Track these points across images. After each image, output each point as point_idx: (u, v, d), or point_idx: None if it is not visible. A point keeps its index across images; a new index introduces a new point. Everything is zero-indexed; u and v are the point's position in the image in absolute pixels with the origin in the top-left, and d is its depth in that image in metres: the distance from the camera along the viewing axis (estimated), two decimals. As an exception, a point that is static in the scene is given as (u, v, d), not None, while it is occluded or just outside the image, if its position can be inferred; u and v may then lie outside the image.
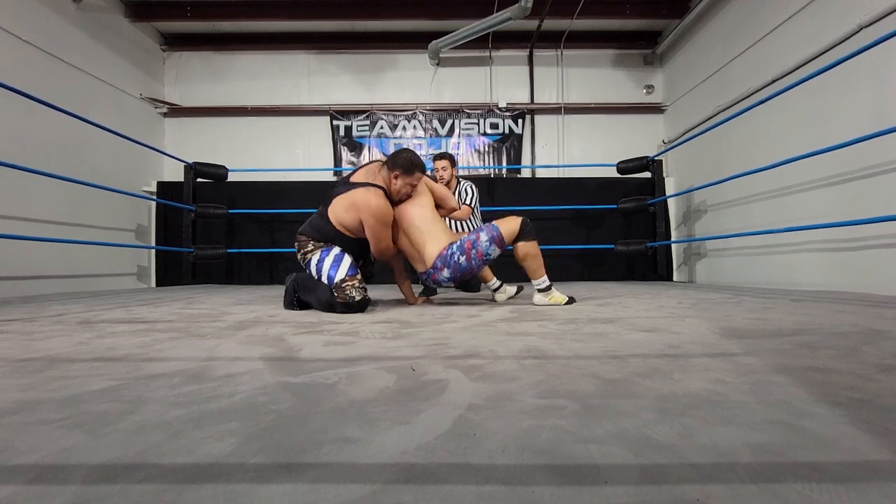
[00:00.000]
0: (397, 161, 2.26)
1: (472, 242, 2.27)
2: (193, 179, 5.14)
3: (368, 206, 2.17)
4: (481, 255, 2.26)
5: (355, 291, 2.15)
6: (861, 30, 3.11)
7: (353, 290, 2.15)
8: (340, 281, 2.16)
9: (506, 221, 2.34)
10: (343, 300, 2.14)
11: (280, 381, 0.90)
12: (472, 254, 2.25)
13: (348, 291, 2.14)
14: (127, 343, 1.36)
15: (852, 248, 3.18)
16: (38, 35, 4.14)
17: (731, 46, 4.56)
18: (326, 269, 2.22)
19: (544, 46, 6.04)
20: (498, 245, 2.29)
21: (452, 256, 2.26)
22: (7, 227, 3.69)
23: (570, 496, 0.45)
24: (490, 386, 0.84)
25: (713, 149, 4.83)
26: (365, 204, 2.17)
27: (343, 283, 2.16)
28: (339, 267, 2.20)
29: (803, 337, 1.32)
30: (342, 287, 2.15)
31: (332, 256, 2.24)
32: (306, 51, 6.09)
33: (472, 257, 2.25)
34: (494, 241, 2.28)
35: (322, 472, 0.51)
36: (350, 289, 2.15)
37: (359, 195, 2.20)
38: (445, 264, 2.26)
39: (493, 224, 2.33)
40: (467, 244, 2.27)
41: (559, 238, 5.35)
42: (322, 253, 2.27)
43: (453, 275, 2.29)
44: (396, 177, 2.25)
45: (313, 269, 2.28)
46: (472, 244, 2.26)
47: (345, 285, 2.16)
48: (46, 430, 0.65)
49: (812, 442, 0.57)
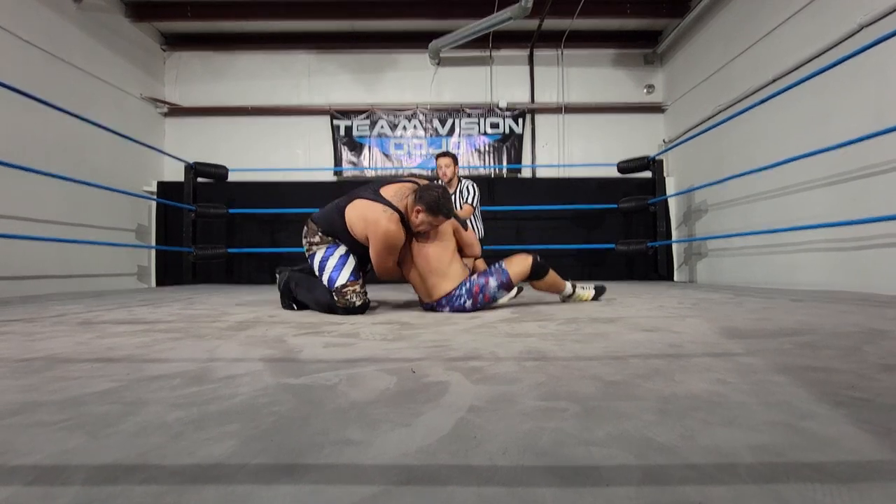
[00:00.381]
0: (425, 197, 2.13)
1: (480, 287, 2.21)
2: (194, 179, 5.15)
3: (377, 228, 2.11)
4: (488, 299, 2.23)
5: (356, 297, 2.14)
6: (862, 29, 3.10)
7: (355, 295, 2.14)
8: (342, 286, 2.14)
9: (515, 263, 2.26)
10: (343, 305, 2.13)
11: (280, 382, 0.90)
12: (479, 298, 2.21)
13: (349, 297, 2.13)
14: (127, 344, 1.36)
15: (853, 247, 3.18)
16: (38, 35, 4.14)
17: (732, 46, 4.55)
18: (329, 271, 2.18)
19: (545, 46, 6.04)
20: (506, 290, 2.27)
21: (459, 298, 2.20)
22: (7, 226, 3.69)
23: (572, 498, 0.45)
24: (491, 388, 0.84)
25: (714, 148, 4.83)
26: (375, 224, 2.12)
27: (344, 287, 2.14)
28: (342, 271, 2.17)
29: (804, 337, 1.32)
30: (343, 292, 2.14)
31: (337, 257, 2.20)
32: (306, 50, 6.09)
33: (478, 301, 2.20)
34: (503, 286, 2.24)
35: (323, 474, 0.51)
36: (351, 294, 2.14)
37: (375, 214, 2.14)
38: (450, 304, 2.21)
39: (502, 268, 2.25)
40: (475, 288, 2.21)
41: (560, 238, 5.35)
42: (327, 251, 2.23)
43: (454, 311, 2.23)
44: (419, 212, 2.14)
45: (316, 265, 2.24)
46: (480, 289, 2.21)
47: (346, 290, 2.14)
48: (47, 432, 0.65)
49: (813, 442, 0.57)
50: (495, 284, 2.21)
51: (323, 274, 2.21)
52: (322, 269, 2.22)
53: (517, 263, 2.25)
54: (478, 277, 2.23)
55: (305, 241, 2.30)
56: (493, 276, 2.22)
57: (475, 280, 2.22)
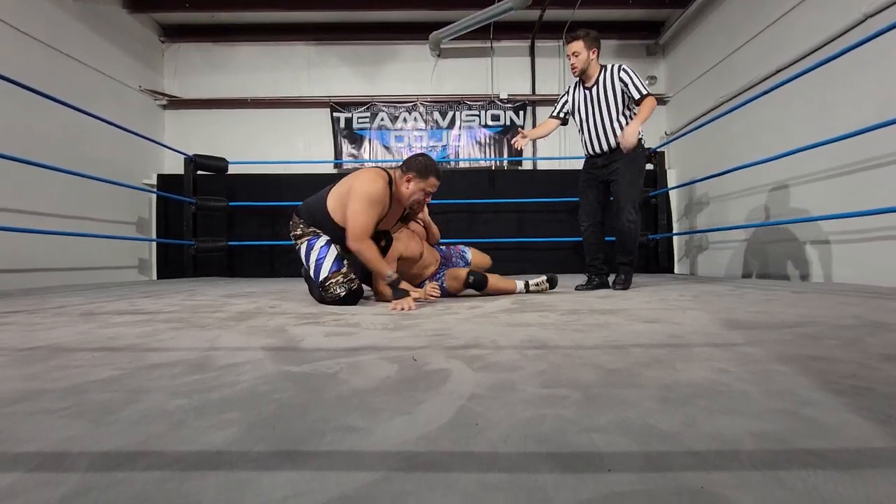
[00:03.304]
0: (412, 164, 2.13)
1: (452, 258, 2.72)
2: (194, 172, 5.13)
3: (358, 178, 2.09)
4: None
5: (340, 288, 2.10)
6: (867, 19, 3.07)
7: (338, 286, 2.10)
8: (325, 279, 2.11)
9: (449, 277, 2.46)
10: (331, 298, 2.11)
11: (282, 370, 0.90)
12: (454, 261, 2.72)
13: (333, 289, 2.10)
14: (129, 333, 1.36)
15: (855, 239, 3.17)
16: (36, 27, 4.11)
17: (735, 37, 4.51)
18: (313, 264, 2.16)
19: (546, 37, 5.98)
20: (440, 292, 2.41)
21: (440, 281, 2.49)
22: (8, 219, 3.69)
23: (574, 484, 0.45)
24: (492, 376, 0.84)
25: (715, 140, 4.80)
26: (356, 177, 2.12)
27: (327, 280, 2.11)
28: (324, 263, 2.13)
29: (806, 328, 1.32)
30: (327, 286, 2.11)
31: (317, 249, 2.16)
32: (306, 42, 6.04)
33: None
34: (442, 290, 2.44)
35: (324, 461, 0.51)
36: (334, 286, 2.10)
37: (358, 172, 2.16)
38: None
39: (443, 275, 2.50)
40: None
41: (560, 230, 5.34)
42: (309, 242, 2.20)
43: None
44: (409, 180, 2.12)
45: (303, 258, 2.24)
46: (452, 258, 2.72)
47: (329, 283, 2.10)
48: (49, 419, 0.65)
49: (815, 430, 0.57)
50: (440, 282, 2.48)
51: (310, 268, 2.19)
52: (308, 263, 2.20)
53: (450, 277, 2.44)
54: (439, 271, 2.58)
55: (291, 236, 2.29)
56: (442, 279, 2.48)
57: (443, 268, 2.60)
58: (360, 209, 2.03)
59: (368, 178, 2.09)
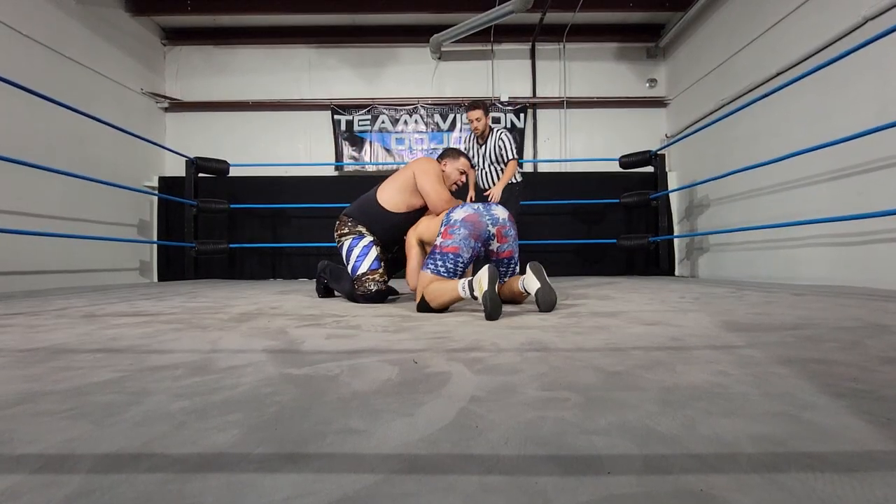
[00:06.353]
0: (444, 153, 2.53)
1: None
2: (195, 174, 5.14)
3: (419, 164, 2.38)
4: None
5: (373, 284, 2.29)
6: (867, 22, 3.08)
7: (372, 283, 2.29)
8: (362, 274, 2.31)
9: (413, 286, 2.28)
10: (362, 292, 2.29)
11: (283, 372, 0.90)
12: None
13: (367, 285, 2.29)
14: (130, 334, 1.36)
15: (856, 242, 3.17)
16: (38, 29, 4.13)
17: (735, 39, 4.52)
18: (353, 260, 2.35)
19: (546, 40, 6.00)
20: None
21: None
22: (9, 222, 3.70)
23: (574, 486, 0.45)
24: (492, 378, 0.84)
25: (716, 143, 4.80)
26: (416, 163, 2.40)
27: (364, 276, 2.30)
28: (364, 260, 2.33)
29: (806, 330, 1.32)
30: (362, 280, 2.30)
31: (361, 247, 2.37)
32: (307, 45, 6.06)
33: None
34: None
35: (326, 463, 0.51)
36: (369, 282, 2.29)
37: (410, 163, 2.45)
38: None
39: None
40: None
41: (561, 232, 5.34)
42: (353, 241, 2.39)
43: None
44: (446, 164, 2.46)
45: (343, 254, 2.41)
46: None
47: (365, 278, 2.30)
48: (52, 421, 0.65)
49: (815, 433, 0.57)
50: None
51: (349, 262, 2.38)
52: (348, 258, 2.39)
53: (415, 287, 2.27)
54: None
55: (336, 235, 2.48)
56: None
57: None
58: (435, 182, 2.33)
59: (428, 161, 2.43)
